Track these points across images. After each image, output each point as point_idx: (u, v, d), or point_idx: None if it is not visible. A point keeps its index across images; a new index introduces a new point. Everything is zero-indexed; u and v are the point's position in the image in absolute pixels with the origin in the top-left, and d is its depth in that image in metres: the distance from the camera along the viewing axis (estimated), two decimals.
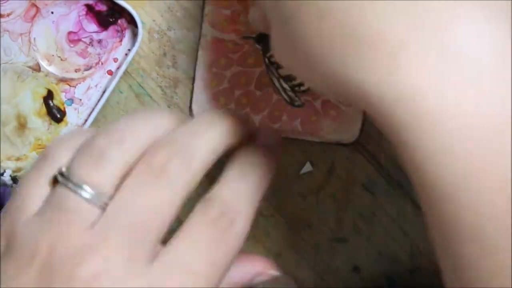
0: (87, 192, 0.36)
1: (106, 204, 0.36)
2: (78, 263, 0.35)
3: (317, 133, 0.49)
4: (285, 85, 0.49)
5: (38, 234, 0.36)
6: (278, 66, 0.49)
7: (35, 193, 0.38)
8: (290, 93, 0.49)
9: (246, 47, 0.49)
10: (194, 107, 0.49)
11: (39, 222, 0.37)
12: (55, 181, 0.38)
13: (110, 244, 0.35)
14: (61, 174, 0.37)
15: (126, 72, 0.48)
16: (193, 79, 0.49)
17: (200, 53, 0.48)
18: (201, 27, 0.48)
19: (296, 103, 0.49)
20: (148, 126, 0.39)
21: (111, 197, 0.37)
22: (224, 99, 0.49)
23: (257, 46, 0.48)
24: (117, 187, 0.37)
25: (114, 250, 0.35)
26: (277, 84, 0.49)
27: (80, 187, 0.36)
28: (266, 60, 0.49)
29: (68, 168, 0.37)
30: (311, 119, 0.49)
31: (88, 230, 0.36)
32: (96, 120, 0.48)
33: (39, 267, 0.36)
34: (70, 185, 0.36)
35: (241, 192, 0.39)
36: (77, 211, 0.36)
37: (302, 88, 0.49)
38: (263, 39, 0.49)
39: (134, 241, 0.36)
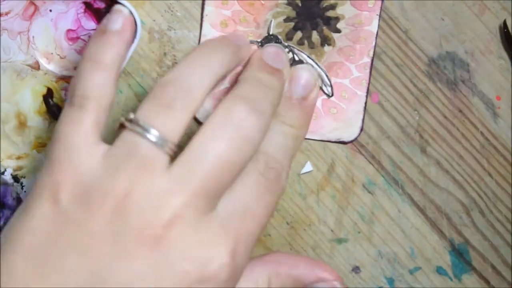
0: (154, 135, 0.36)
1: (173, 151, 0.36)
2: (156, 206, 0.35)
3: (317, 131, 0.50)
4: None
5: (109, 179, 0.35)
6: None
7: (86, 142, 0.37)
8: None
9: None
10: None
11: (109, 168, 0.36)
12: (120, 127, 0.37)
13: (189, 190, 0.35)
14: (129, 120, 0.37)
15: (126, 72, 0.48)
16: None
17: None
18: (201, 27, 0.48)
19: None
20: (211, 69, 0.39)
21: (177, 145, 0.37)
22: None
23: None
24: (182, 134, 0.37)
25: (192, 196, 0.35)
26: None
27: (148, 130, 0.36)
28: None
29: (136, 115, 0.37)
30: (312, 117, 0.49)
31: (163, 175, 0.36)
32: None
33: (111, 210, 0.35)
34: (138, 129, 0.36)
35: (281, 146, 0.41)
36: (148, 157, 0.36)
37: None
38: (268, 44, 0.49)
39: (210, 188, 0.36)
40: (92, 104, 0.38)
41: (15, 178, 0.48)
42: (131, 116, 0.37)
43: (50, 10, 0.48)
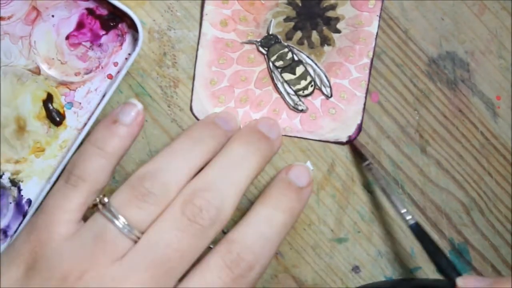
0: (122, 223, 0.38)
1: (138, 238, 0.38)
2: None
3: (316, 132, 0.50)
4: (289, 89, 0.49)
5: (71, 259, 0.37)
6: (282, 70, 0.49)
7: (68, 218, 0.39)
8: (294, 97, 0.49)
9: (246, 47, 0.49)
10: (194, 105, 0.49)
11: (73, 247, 0.38)
12: (93, 207, 0.39)
13: (137, 280, 0.37)
14: (103, 203, 0.38)
15: (126, 72, 0.48)
16: (194, 78, 0.49)
17: (200, 52, 0.48)
18: (201, 26, 0.48)
19: (300, 108, 0.49)
20: (189, 164, 0.41)
21: (144, 232, 0.38)
22: (224, 97, 0.49)
23: (261, 50, 0.49)
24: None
25: (139, 286, 0.37)
26: (281, 88, 0.49)
27: (117, 217, 0.38)
28: (271, 64, 0.49)
29: (110, 199, 0.39)
30: (311, 117, 0.49)
31: (118, 261, 0.37)
32: (97, 122, 0.48)
33: None
34: (108, 214, 0.38)
35: (265, 237, 0.40)
36: (112, 242, 0.38)
37: (306, 92, 0.49)
38: (267, 44, 0.49)
39: (158, 279, 0.37)
40: (85, 187, 0.40)
41: (13, 182, 0.48)
42: (105, 200, 0.39)
43: (53, 16, 0.48)
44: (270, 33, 0.49)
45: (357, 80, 0.49)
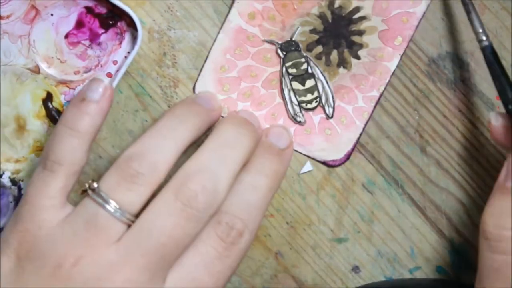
0: (113, 207, 0.38)
1: (131, 221, 0.38)
2: (102, 280, 0.36)
3: (306, 146, 0.50)
4: (293, 99, 0.49)
5: (64, 245, 0.37)
6: (293, 79, 0.49)
7: (51, 204, 0.39)
8: (296, 107, 0.49)
9: (265, 45, 0.49)
10: (198, 85, 0.49)
11: (66, 233, 0.38)
12: (82, 193, 0.39)
13: (132, 265, 0.37)
14: (92, 189, 0.38)
15: (126, 72, 0.48)
16: (205, 59, 0.48)
17: (220, 36, 0.48)
18: (229, 12, 0.48)
19: (298, 119, 0.49)
20: (176, 141, 0.41)
21: (136, 215, 0.38)
22: (229, 87, 0.49)
23: (279, 53, 0.49)
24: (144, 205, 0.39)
25: (136, 271, 0.37)
26: (286, 95, 0.49)
27: (108, 202, 0.38)
28: (284, 69, 0.49)
29: (99, 184, 0.39)
30: (305, 131, 0.50)
31: (113, 246, 0.37)
32: None
33: (63, 278, 0.36)
34: (98, 199, 0.38)
35: (250, 204, 0.41)
36: (104, 227, 0.38)
37: (309, 106, 0.49)
38: (287, 49, 0.49)
39: (154, 264, 0.37)
40: (62, 170, 0.40)
41: (13, 181, 0.48)
42: (94, 185, 0.39)
43: (52, 14, 0.48)
44: (293, 39, 0.49)
45: (360, 109, 0.49)
